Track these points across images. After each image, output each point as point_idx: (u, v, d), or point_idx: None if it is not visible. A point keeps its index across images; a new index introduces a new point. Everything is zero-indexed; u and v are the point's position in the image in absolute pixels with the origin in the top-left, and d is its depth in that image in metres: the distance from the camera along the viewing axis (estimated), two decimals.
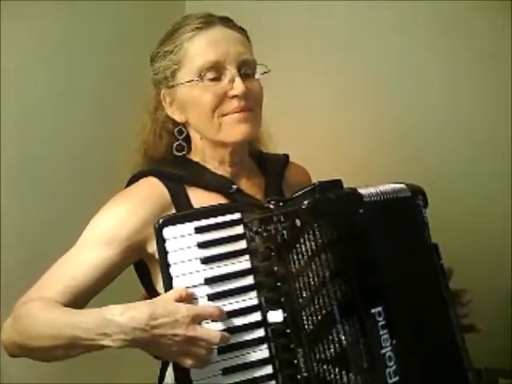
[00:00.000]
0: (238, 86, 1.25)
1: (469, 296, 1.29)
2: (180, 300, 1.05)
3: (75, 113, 2.01)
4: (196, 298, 1.09)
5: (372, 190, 1.17)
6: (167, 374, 1.30)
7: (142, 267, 1.30)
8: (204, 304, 1.08)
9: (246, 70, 1.29)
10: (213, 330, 1.05)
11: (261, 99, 1.33)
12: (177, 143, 1.35)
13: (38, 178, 1.89)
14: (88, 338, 1.06)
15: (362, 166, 2.06)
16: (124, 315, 1.03)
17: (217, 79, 1.27)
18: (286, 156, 1.48)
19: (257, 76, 1.32)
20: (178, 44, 1.29)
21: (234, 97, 1.26)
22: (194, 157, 1.36)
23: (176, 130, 1.35)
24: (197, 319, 1.04)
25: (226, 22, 1.32)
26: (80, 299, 1.19)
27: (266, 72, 1.33)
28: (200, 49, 1.28)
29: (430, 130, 2.06)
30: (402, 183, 1.24)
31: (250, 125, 1.28)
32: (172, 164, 1.33)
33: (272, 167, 1.43)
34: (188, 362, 1.04)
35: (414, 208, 1.24)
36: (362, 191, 1.15)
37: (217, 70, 1.27)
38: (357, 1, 2.13)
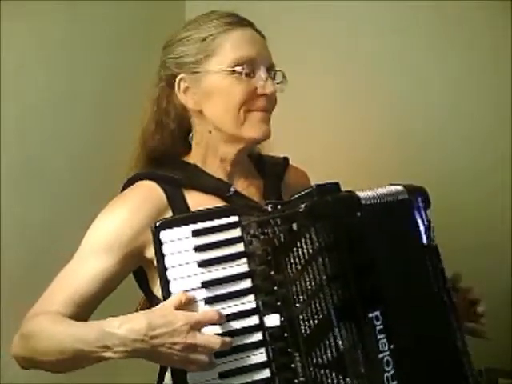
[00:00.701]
0: (270, 87, 1.29)
1: (483, 307, 1.31)
2: (181, 305, 1.06)
3: (75, 113, 2.00)
4: (196, 301, 1.08)
5: (370, 193, 1.16)
6: (166, 376, 1.30)
7: (140, 272, 1.30)
8: (201, 308, 1.08)
9: (273, 73, 1.32)
10: (213, 335, 1.05)
11: (276, 104, 1.34)
12: (192, 133, 1.35)
13: (38, 178, 1.89)
14: (90, 350, 1.07)
15: (362, 166, 2.06)
16: (122, 327, 1.04)
17: (249, 75, 1.28)
18: (286, 159, 1.48)
19: (277, 80, 1.33)
20: (214, 33, 1.29)
21: (263, 95, 1.28)
22: (192, 158, 1.35)
23: (191, 119, 1.34)
24: (196, 326, 1.04)
25: (254, 26, 1.34)
26: (84, 309, 1.20)
27: (282, 81, 1.34)
28: (238, 42, 1.29)
29: (431, 130, 2.05)
30: (401, 185, 1.24)
31: (269, 125, 1.31)
32: (169, 167, 1.32)
33: (271, 169, 1.43)
34: (190, 368, 1.05)
35: (413, 210, 1.23)
36: (360, 194, 1.15)
37: (251, 66, 1.28)
38: (357, 1, 2.12)
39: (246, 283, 1.11)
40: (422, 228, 1.23)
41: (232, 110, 1.28)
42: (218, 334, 1.07)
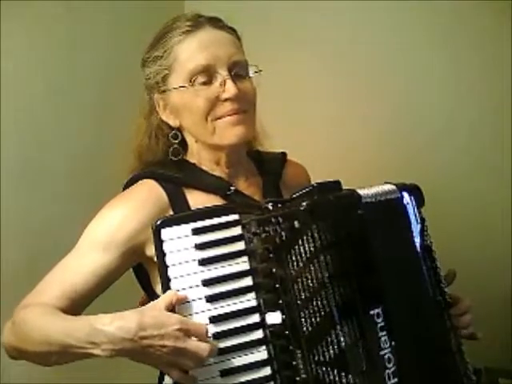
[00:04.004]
0: (230, 89, 1.25)
1: (466, 304, 1.26)
2: (171, 305, 1.05)
3: (74, 114, 2.01)
4: (188, 302, 1.08)
5: (369, 191, 1.16)
6: (166, 375, 1.30)
7: (140, 270, 1.30)
8: (202, 306, 1.08)
9: (238, 71, 1.28)
10: (201, 342, 1.04)
11: (254, 99, 1.32)
12: (173, 147, 1.34)
13: (38, 179, 1.89)
14: (78, 346, 1.06)
15: (362, 166, 2.06)
16: (112, 325, 1.03)
17: (208, 83, 1.26)
18: (284, 154, 1.48)
19: (251, 74, 1.31)
20: (168, 48, 1.28)
21: (226, 100, 1.25)
22: (191, 158, 1.35)
23: (171, 134, 1.34)
24: (187, 333, 1.03)
25: (216, 22, 1.30)
26: (79, 304, 1.19)
27: (257, 72, 1.32)
28: (190, 53, 1.27)
29: (432, 131, 2.05)
30: (393, 183, 1.23)
31: (244, 126, 1.27)
32: (169, 166, 1.32)
33: (269, 166, 1.42)
34: (175, 374, 1.04)
35: (407, 208, 1.23)
36: (360, 192, 1.15)
37: (208, 73, 1.26)
38: (358, 0, 2.12)
39: (247, 281, 1.11)
40: (416, 226, 1.23)
41: (199, 123, 1.27)
42: (219, 334, 1.08)
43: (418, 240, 1.22)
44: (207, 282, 1.09)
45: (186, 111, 1.29)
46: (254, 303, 1.11)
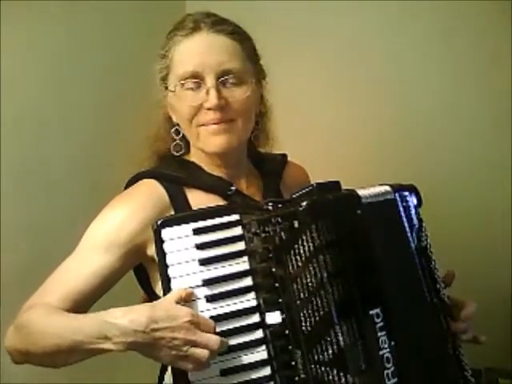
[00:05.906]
0: (212, 99, 1.24)
1: (469, 310, 1.24)
2: (181, 301, 1.05)
3: (75, 114, 2.01)
4: (188, 301, 1.08)
5: (367, 191, 1.17)
6: (166, 375, 1.30)
7: (140, 270, 1.30)
8: (202, 306, 1.08)
9: (229, 79, 1.27)
10: (212, 335, 1.04)
11: (245, 107, 1.29)
12: (174, 143, 1.35)
13: (38, 179, 1.89)
14: (89, 341, 1.06)
15: (362, 166, 2.07)
16: (124, 318, 1.03)
17: (196, 89, 1.27)
18: (284, 156, 1.48)
19: (250, 80, 1.30)
20: (168, 49, 1.30)
21: (209, 109, 1.25)
22: (192, 158, 1.36)
23: (172, 130, 1.35)
24: (197, 326, 1.03)
25: (216, 26, 1.28)
26: (81, 305, 1.19)
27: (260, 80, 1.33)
28: (182, 57, 1.28)
29: (431, 130, 2.06)
30: (388, 184, 1.23)
31: (227, 136, 1.27)
32: (172, 165, 1.33)
33: (270, 167, 1.43)
34: (187, 366, 1.04)
35: (403, 209, 1.23)
36: (360, 192, 1.15)
37: (196, 79, 1.26)
38: (358, 1, 2.12)
39: (247, 281, 1.11)
40: (413, 227, 1.23)
41: (186, 126, 1.30)
42: (219, 333, 1.07)
43: (414, 241, 1.22)
44: (207, 282, 1.09)
45: (174, 113, 1.32)
46: (253, 303, 1.11)
